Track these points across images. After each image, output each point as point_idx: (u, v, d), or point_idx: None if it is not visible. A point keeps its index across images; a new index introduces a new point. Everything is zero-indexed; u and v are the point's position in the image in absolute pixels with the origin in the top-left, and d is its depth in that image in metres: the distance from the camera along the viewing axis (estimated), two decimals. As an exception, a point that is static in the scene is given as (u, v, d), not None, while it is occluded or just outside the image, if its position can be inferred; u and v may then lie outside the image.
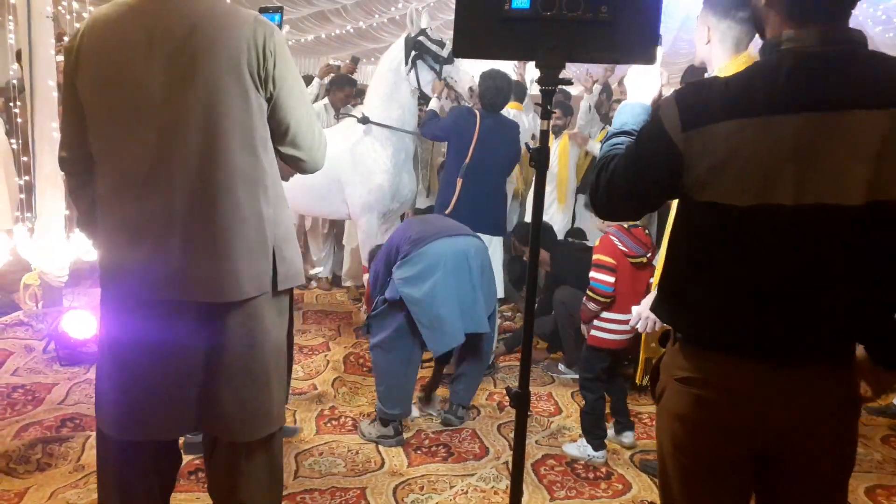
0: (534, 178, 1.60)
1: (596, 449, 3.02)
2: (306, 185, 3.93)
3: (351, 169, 4.12)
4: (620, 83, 5.80)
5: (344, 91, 5.46)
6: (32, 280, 4.21)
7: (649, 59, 1.53)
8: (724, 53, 2.01)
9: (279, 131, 1.73)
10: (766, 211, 1.21)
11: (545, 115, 1.63)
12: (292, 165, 1.85)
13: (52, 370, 3.60)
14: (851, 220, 1.20)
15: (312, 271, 5.53)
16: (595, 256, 3.03)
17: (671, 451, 1.41)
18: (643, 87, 1.53)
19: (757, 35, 1.40)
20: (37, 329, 4.01)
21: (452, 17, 1.58)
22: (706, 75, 2.03)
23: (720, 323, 1.31)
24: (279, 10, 2.17)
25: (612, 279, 2.97)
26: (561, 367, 4.04)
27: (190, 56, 1.57)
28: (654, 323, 2.23)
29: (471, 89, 4.00)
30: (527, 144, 1.75)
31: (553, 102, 1.66)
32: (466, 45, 1.59)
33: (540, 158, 1.63)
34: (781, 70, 1.21)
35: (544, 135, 1.64)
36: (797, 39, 1.22)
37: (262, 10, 2.01)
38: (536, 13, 1.49)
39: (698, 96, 1.26)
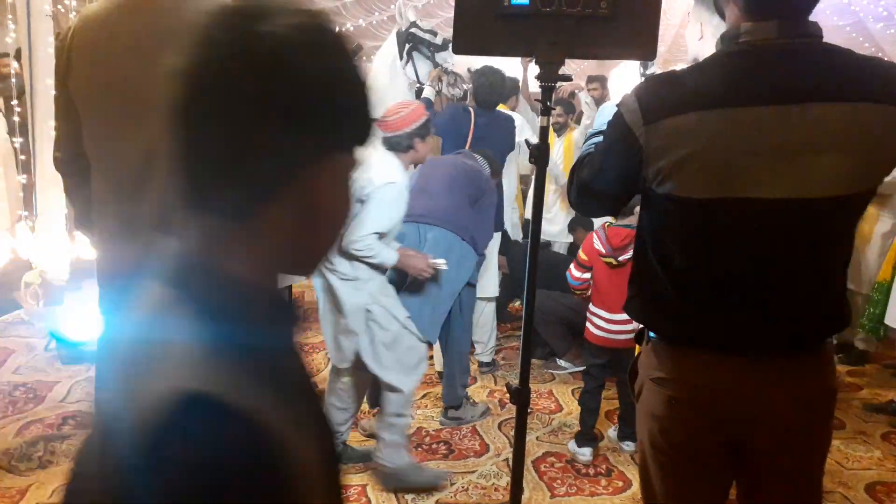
0: (533, 175, 1.59)
1: (578, 445, 3.01)
2: None
3: None
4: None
5: None
6: (34, 279, 4.22)
7: (649, 54, 1.53)
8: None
9: None
10: (730, 204, 1.20)
11: (545, 112, 1.61)
12: None
13: (53, 368, 3.61)
14: (817, 212, 1.19)
15: None
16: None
17: (649, 449, 1.41)
18: (624, 88, 1.53)
19: None
20: (38, 327, 4.02)
21: (450, 14, 1.57)
22: None
23: (688, 320, 1.30)
24: None
25: (582, 275, 3.09)
26: (560, 362, 4.05)
27: (174, 54, 1.56)
28: None
29: (469, 70, 4.01)
30: (526, 141, 1.74)
31: (553, 99, 1.66)
32: (466, 41, 1.58)
33: (540, 155, 1.62)
34: (740, 63, 1.20)
35: (544, 131, 1.62)
36: (754, 32, 1.19)
37: None
38: (536, 9, 1.48)
39: (659, 90, 1.25)
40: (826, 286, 1.28)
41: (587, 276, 3.07)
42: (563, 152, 5.00)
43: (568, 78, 1.64)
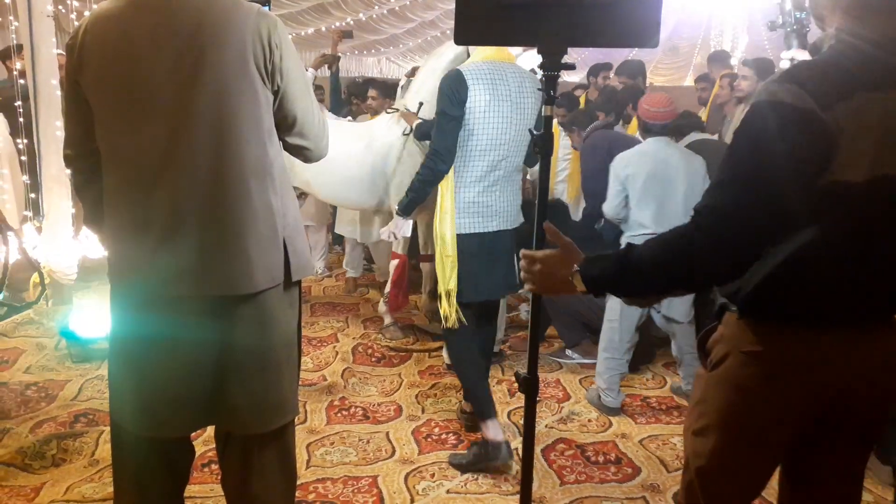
0: (538, 165, 1.62)
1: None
2: (348, 175, 3.96)
3: (398, 161, 3.99)
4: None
5: (370, 96, 5.53)
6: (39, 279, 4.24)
7: (651, 42, 1.52)
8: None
9: (286, 122, 1.74)
10: (877, 183, 1.23)
11: (549, 101, 1.60)
12: (297, 155, 1.86)
13: (63, 367, 3.64)
14: None
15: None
16: None
17: (723, 415, 1.42)
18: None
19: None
20: (47, 327, 4.04)
21: (450, 6, 1.58)
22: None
23: (795, 297, 1.32)
24: (266, 2, 2.18)
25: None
26: (568, 352, 4.06)
27: (199, 51, 1.58)
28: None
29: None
30: (530, 130, 1.75)
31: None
32: (468, 31, 1.59)
33: (543, 144, 1.61)
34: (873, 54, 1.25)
35: (548, 120, 1.62)
36: (874, 28, 1.25)
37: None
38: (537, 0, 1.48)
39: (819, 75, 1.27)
40: None
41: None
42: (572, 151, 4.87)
43: (571, 66, 1.62)
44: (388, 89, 5.63)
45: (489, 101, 2.64)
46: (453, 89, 2.62)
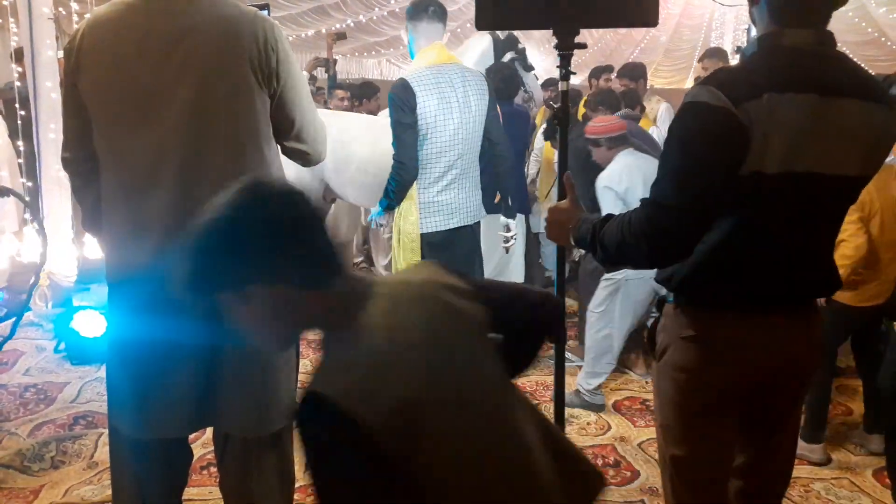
0: (558, 135, 1.88)
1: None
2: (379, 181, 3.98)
3: None
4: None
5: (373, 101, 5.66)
6: (42, 280, 4.24)
7: (652, 20, 1.73)
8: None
9: (284, 126, 1.74)
10: (786, 178, 1.33)
11: (565, 77, 1.80)
12: (296, 159, 1.86)
13: (63, 369, 3.64)
14: (835, 189, 1.39)
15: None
16: None
17: (675, 401, 1.53)
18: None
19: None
20: (47, 329, 4.05)
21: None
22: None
23: (721, 283, 1.43)
24: (265, 6, 2.19)
25: None
26: (568, 354, 4.05)
27: (192, 54, 1.58)
28: None
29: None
30: (549, 104, 1.92)
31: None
32: (489, 17, 1.75)
33: (562, 117, 1.81)
34: (787, 59, 1.36)
35: (564, 95, 1.81)
36: (795, 37, 1.36)
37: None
38: None
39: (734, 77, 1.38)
40: (829, 253, 1.51)
41: None
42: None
43: (583, 46, 1.79)
44: (363, 90, 5.88)
45: (438, 105, 2.74)
46: (402, 98, 2.71)
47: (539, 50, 11.12)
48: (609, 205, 3.28)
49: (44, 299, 4.26)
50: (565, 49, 1.77)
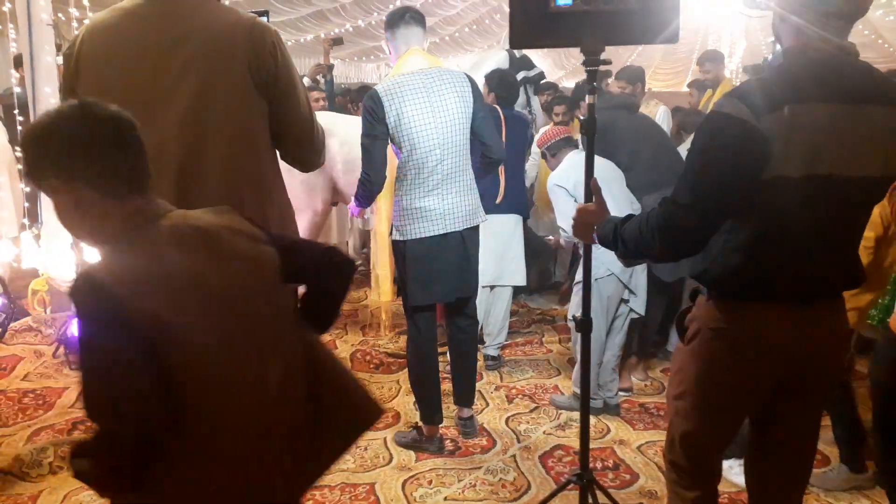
0: (585, 145, 2.05)
1: None
2: None
3: None
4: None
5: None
6: (40, 286, 4.25)
7: (672, 38, 1.88)
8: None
9: (283, 132, 1.75)
10: (808, 180, 1.45)
11: (591, 91, 1.98)
12: (294, 164, 1.86)
13: (62, 375, 3.63)
14: (866, 188, 1.50)
15: None
16: None
17: (698, 384, 1.67)
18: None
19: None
20: (46, 334, 4.04)
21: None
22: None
23: (750, 277, 1.55)
24: (265, 13, 2.20)
25: None
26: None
27: (188, 61, 1.58)
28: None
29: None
30: (577, 117, 2.06)
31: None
32: (521, 37, 1.93)
33: (588, 126, 2.00)
34: (814, 70, 1.47)
35: (591, 107, 1.99)
36: (821, 49, 1.47)
37: None
38: (578, 7, 1.82)
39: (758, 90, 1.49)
40: (853, 249, 1.60)
41: None
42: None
43: (608, 62, 1.95)
44: (360, 94, 5.85)
45: (413, 111, 2.72)
46: (370, 109, 2.74)
47: (537, 54, 11.12)
48: (562, 202, 3.32)
49: (43, 305, 4.26)
50: (592, 65, 1.91)
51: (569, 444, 3.10)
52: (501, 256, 3.92)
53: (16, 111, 4.43)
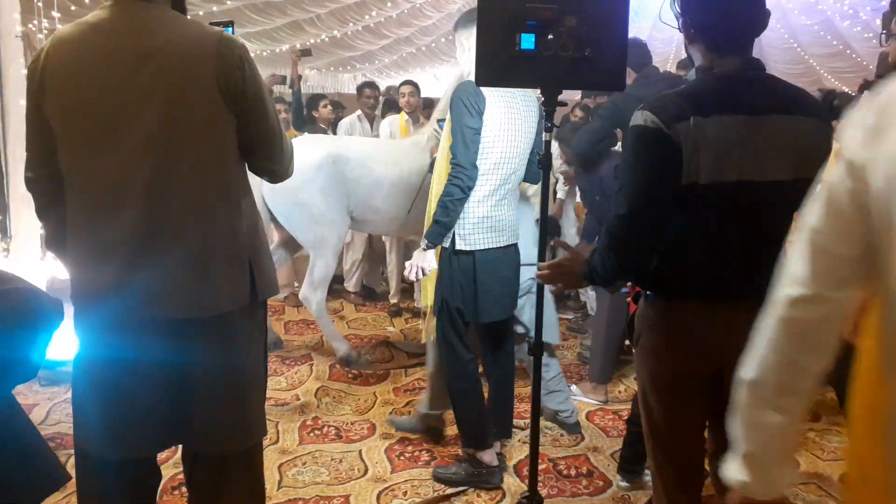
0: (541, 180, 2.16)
1: None
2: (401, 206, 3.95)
3: (418, 195, 3.93)
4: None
5: (364, 94, 5.80)
6: (10, 300, 4.18)
7: (619, 86, 2.09)
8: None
9: (251, 144, 1.75)
10: (717, 187, 1.56)
11: (548, 129, 2.11)
12: (263, 176, 1.86)
13: (31, 391, 3.59)
14: (778, 192, 1.58)
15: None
16: None
17: (649, 383, 1.78)
18: None
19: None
20: (15, 350, 3.98)
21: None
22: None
23: (676, 278, 1.67)
24: (230, 23, 2.20)
25: None
26: (575, 388, 3.82)
27: (156, 74, 1.58)
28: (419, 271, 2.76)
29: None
30: (536, 152, 2.31)
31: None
32: (487, 76, 2.06)
33: (545, 162, 2.13)
34: (718, 85, 1.61)
35: (547, 144, 2.12)
36: (724, 65, 1.62)
37: (212, 25, 2.01)
38: (539, 52, 1.96)
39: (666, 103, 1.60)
40: (776, 251, 1.63)
41: None
42: None
43: (563, 104, 2.08)
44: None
45: (504, 115, 2.60)
46: (472, 101, 2.55)
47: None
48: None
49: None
50: (550, 106, 2.06)
51: (543, 451, 3.10)
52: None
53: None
